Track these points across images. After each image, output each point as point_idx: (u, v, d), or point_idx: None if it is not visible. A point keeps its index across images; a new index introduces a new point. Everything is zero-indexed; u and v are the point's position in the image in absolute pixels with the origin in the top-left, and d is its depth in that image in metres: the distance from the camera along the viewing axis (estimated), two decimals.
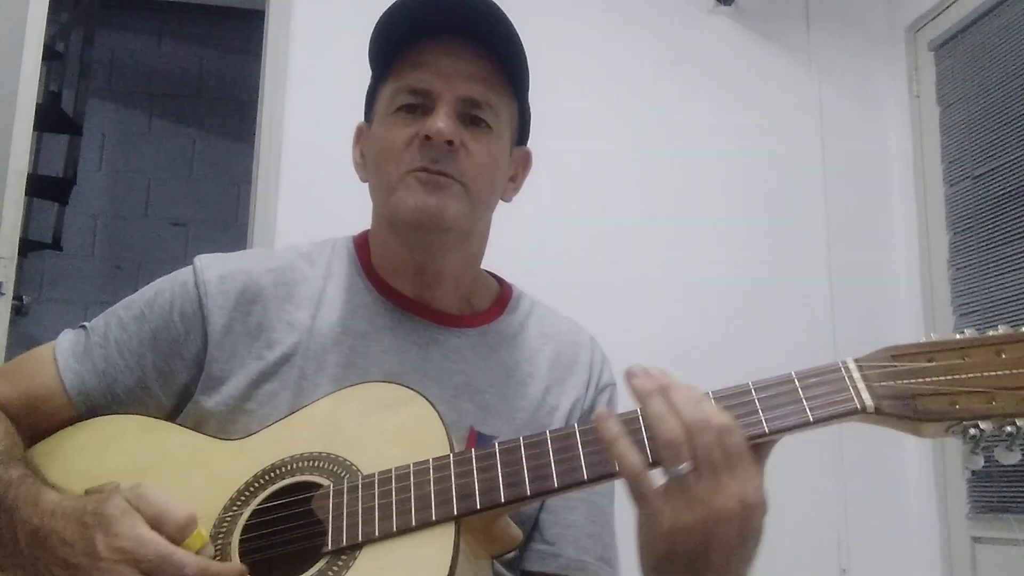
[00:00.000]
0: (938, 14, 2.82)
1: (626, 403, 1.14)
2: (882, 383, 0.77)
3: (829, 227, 2.88)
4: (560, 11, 2.83)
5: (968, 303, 2.63)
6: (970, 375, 0.75)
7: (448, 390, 1.00)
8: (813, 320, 2.81)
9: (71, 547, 0.77)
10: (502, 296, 1.12)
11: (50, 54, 3.36)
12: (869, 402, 0.77)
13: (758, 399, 0.79)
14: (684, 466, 0.74)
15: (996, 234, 2.54)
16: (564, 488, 0.80)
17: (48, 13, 2.24)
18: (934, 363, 0.77)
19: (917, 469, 2.71)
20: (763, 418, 0.78)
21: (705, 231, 2.81)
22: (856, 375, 0.79)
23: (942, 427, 0.76)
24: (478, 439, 1.00)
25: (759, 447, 0.78)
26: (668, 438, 0.74)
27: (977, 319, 2.58)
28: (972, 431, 0.74)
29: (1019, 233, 2.47)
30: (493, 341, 1.06)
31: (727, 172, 2.87)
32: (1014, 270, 2.47)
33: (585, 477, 0.80)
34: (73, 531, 0.78)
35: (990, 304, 2.54)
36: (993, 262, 2.54)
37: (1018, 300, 2.45)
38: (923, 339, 0.81)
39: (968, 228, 2.66)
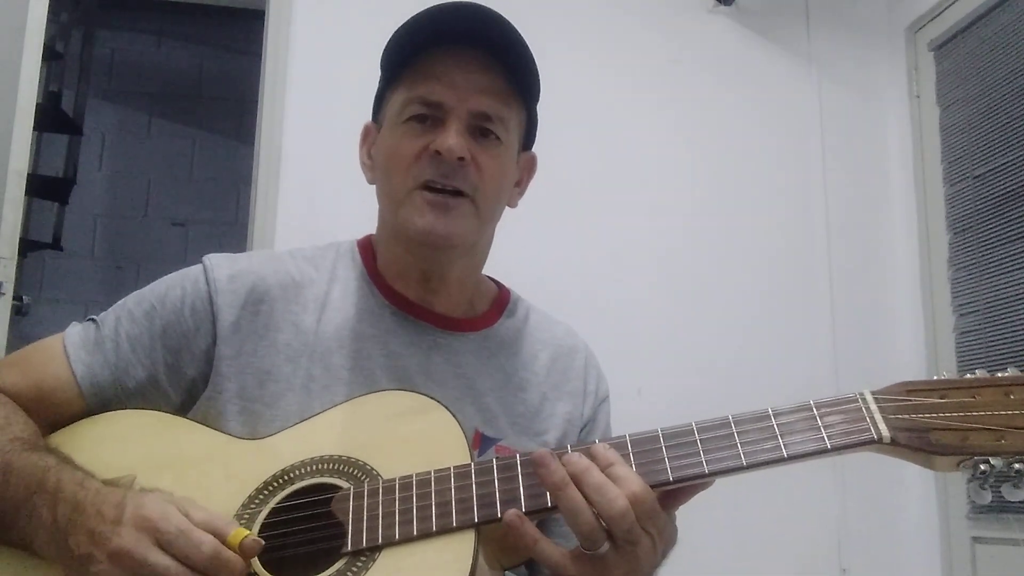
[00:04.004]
0: (938, 14, 2.82)
1: (618, 407, 1.16)
2: (898, 416, 0.81)
3: (829, 227, 2.88)
4: (558, 12, 2.82)
5: (968, 303, 2.63)
6: (980, 413, 0.80)
7: (451, 392, 1.01)
8: (813, 320, 2.81)
9: (102, 518, 0.79)
10: (500, 299, 1.13)
11: (50, 54, 3.36)
12: (886, 433, 0.80)
13: (777, 425, 0.82)
14: (603, 548, 0.79)
15: (996, 234, 2.54)
16: None
17: (48, 13, 2.23)
18: (946, 400, 0.81)
19: (917, 469, 2.71)
20: (782, 443, 0.81)
21: (704, 231, 2.81)
22: (873, 407, 0.82)
23: (954, 461, 0.80)
24: (482, 441, 1.01)
25: (675, 494, 0.82)
26: (585, 531, 0.78)
27: (977, 319, 2.58)
28: (982, 466, 0.79)
29: (1019, 233, 2.47)
30: (493, 346, 1.08)
31: (726, 172, 2.86)
32: (1014, 270, 2.47)
33: None
34: (110, 507, 0.80)
35: (990, 304, 2.54)
36: (993, 262, 2.54)
37: (1018, 300, 2.45)
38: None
39: (968, 228, 2.66)
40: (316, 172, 2.57)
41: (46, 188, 3.72)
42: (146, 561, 0.76)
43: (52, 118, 3.54)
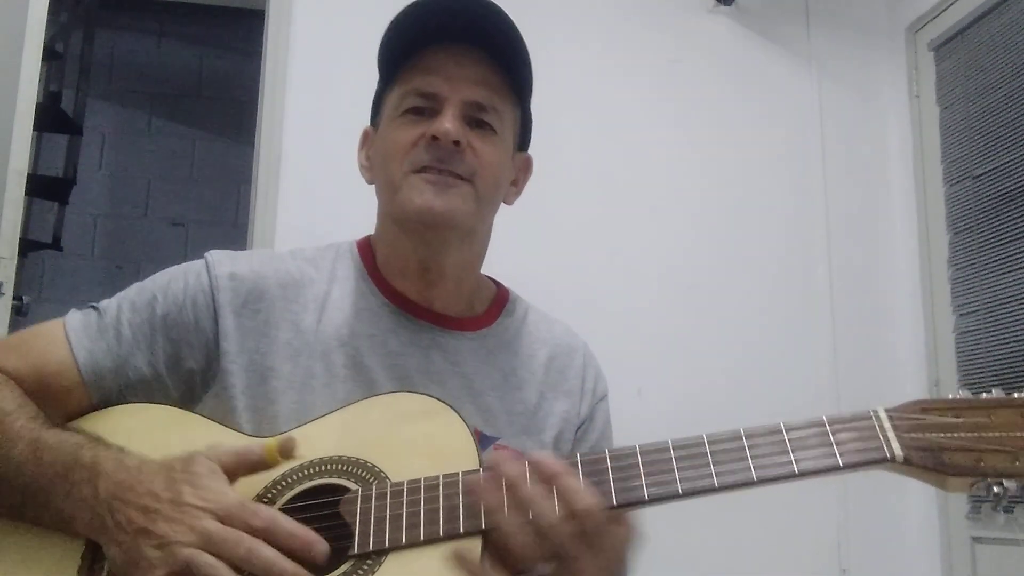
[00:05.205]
0: (938, 14, 2.83)
1: (618, 407, 1.16)
2: (912, 434, 0.80)
3: (829, 227, 2.88)
4: (558, 12, 2.83)
5: (968, 303, 2.63)
6: (995, 434, 0.78)
7: (450, 391, 1.02)
8: (813, 320, 2.81)
9: (155, 496, 0.81)
10: (499, 299, 1.14)
11: (50, 54, 3.36)
12: (899, 452, 0.79)
13: (789, 440, 0.81)
14: (542, 567, 0.77)
15: (996, 234, 2.54)
16: None
17: (48, 13, 2.23)
18: (961, 419, 0.80)
19: None
20: (793, 459, 0.80)
21: (704, 230, 2.81)
22: (887, 425, 0.81)
23: (967, 482, 0.79)
24: (481, 440, 1.01)
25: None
26: (524, 553, 0.77)
27: (977, 319, 2.58)
28: (996, 488, 0.77)
29: (1019, 233, 2.47)
30: (492, 345, 1.08)
31: (726, 172, 2.87)
32: (1014, 270, 2.47)
33: (614, 503, 0.81)
34: (161, 483, 0.82)
35: (990, 304, 2.54)
36: (993, 262, 2.54)
37: (1018, 300, 2.45)
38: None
39: (968, 228, 2.66)
40: (316, 172, 2.57)
41: (46, 188, 3.72)
42: (205, 529, 0.78)
43: (52, 118, 3.53)
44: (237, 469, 0.86)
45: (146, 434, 0.94)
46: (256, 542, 0.78)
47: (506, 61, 1.04)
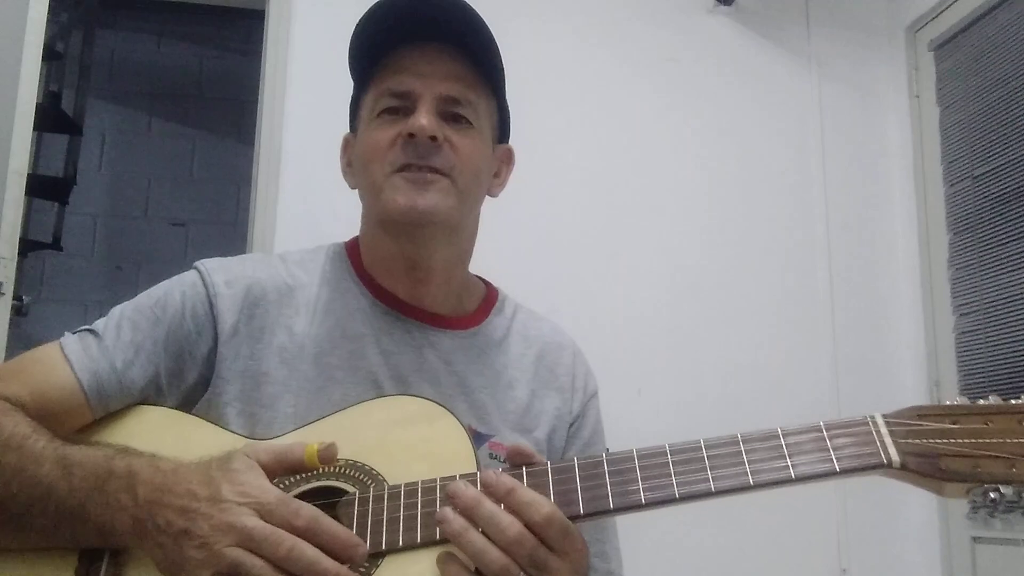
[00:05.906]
0: (938, 14, 2.83)
1: (609, 404, 1.16)
2: (908, 440, 0.80)
3: (829, 227, 2.88)
4: (558, 12, 2.83)
5: (968, 303, 2.63)
6: (993, 440, 0.79)
7: (444, 389, 1.02)
8: (813, 320, 2.81)
9: (193, 495, 0.80)
10: (488, 298, 1.14)
11: (50, 54, 3.36)
12: (896, 458, 0.80)
13: (786, 444, 0.82)
14: None
15: (996, 234, 2.54)
16: (589, 515, 0.81)
17: (48, 13, 2.23)
18: (958, 425, 0.80)
19: None
20: (790, 463, 0.81)
21: (705, 231, 2.81)
22: (883, 430, 0.81)
23: (963, 488, 0.79)
24: (476, 437, 1.01)
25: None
26: (495, 570, 0.77)
27: (977, 319, 2.58)
28: (992, 494, 0.78)
29: (1019, 233, 2.47)
30: (482, 344, 1.09)
31: (727, 172, 2.87)
32: (1014, 270, 2.47)
33: (611, 506, 0.81)
34: (199, 482, 0.81)
35: (990, 304, 2.54)
36: (993, 262, 2.54)
37: (1018, 300, 2.45)
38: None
39: (968, 228, 2.66)
40: (316, 172, 2.56)
41: (46, 188, 3.71)
42: (245, 527, 0.77)
43: (52, 118, 3.53)
44: (275, 468, 0.85)
45: (143, 435, 0.94)
46: (299, 541, 0.77)
47: (475, 54, 1.04)
